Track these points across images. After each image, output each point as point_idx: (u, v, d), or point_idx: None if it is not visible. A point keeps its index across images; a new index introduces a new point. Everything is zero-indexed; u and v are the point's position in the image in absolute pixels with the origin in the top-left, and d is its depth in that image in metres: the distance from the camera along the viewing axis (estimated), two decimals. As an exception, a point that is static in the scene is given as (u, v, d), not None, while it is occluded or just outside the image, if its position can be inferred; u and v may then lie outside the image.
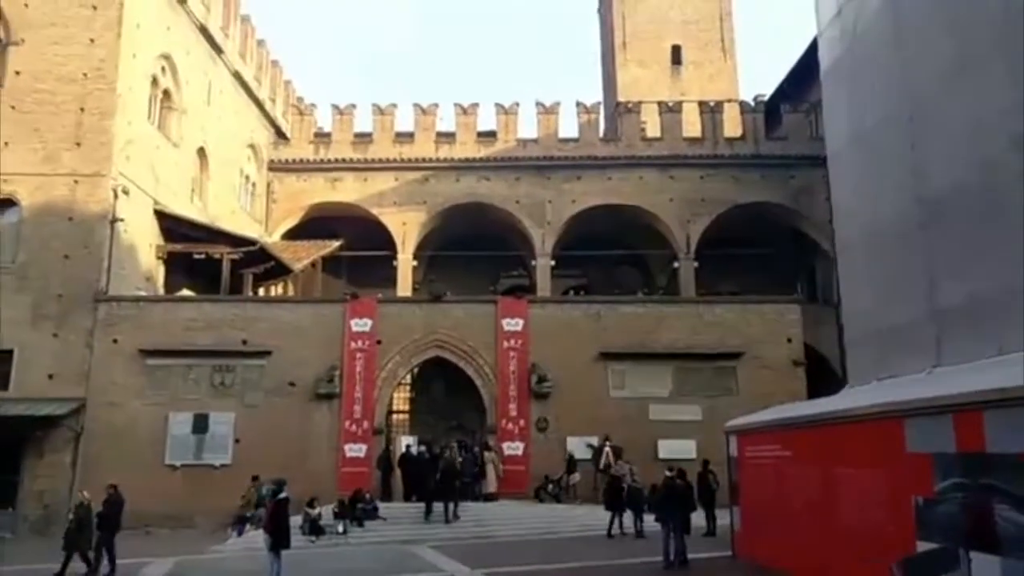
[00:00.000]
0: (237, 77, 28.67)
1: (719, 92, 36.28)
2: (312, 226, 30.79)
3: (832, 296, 25.35)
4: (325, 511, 17.45)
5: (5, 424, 18.47)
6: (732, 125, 31.05)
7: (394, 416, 22.37)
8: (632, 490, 16.59)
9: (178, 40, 24.61)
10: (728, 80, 39.12)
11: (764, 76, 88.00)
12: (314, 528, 16.84)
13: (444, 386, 23.04)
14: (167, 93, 24.39)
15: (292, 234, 30.86)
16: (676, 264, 29.78)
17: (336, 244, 29.73)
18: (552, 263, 29.92)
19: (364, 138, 31.07)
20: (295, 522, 14.37)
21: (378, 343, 21.36)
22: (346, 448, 20.50)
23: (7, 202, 20.74)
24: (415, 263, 30.43)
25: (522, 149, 30.69)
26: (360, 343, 21.30)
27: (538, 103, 30.92)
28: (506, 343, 21.50)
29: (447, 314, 22.01)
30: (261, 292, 26.92)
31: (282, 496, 11.68)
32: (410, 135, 30.95)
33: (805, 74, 28.05)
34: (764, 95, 32.34)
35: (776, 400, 17.27)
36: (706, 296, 26.70)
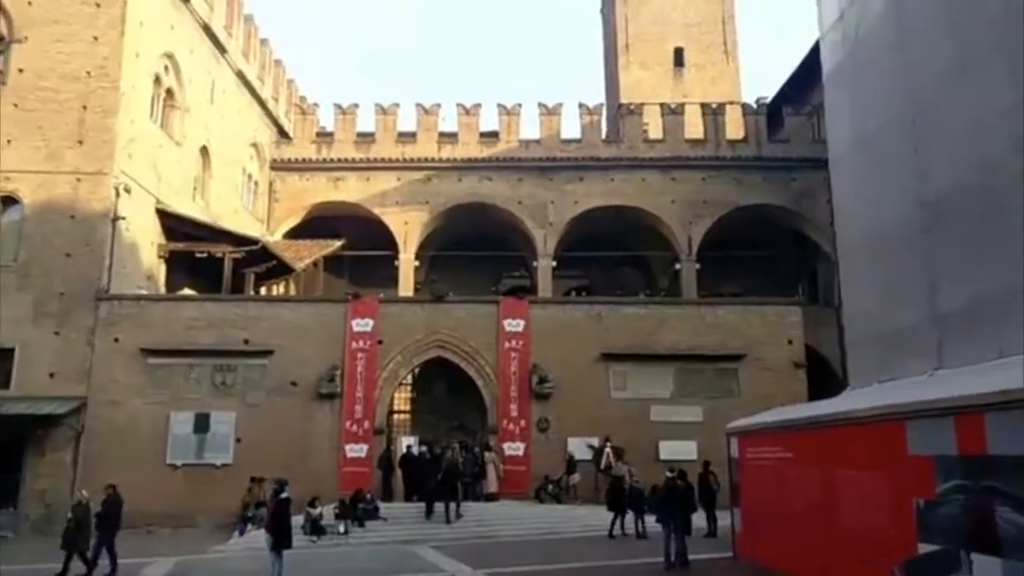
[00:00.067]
0: (240, 76, 28.68)
1: (721, 94, 36.26)
2: (314, 225, 30.82)
3: (833, 298, 25.35)
4: (326, 511, 17.47)
5: (6, 423, 18.45)
6: (734, 127, 31.06)
7: (395, 416, 22.39)
8: (633, 491, 16.61)
9: (181, 39, 24.62)
10: (730, 82, 39.12)
11: (766, 79, 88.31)
12: (315, 528, 16.87)
13: (445, 386, 23.05)
14: (170, 92, 24.40)
15: (294, 233, 30.87)
16: (678, 266, 29.78)
17: (338, 244, 29.74)
18: (554, 264, 29.92)
19: (367, 138, 31.09)
20: (296, 522, 14.38)
21: (379, 343, 21.38)
22: (347, 448, 20.51)
23: (9, 200, 20.75)
24: (417, 263, 30.44)
25: (524, 150, 30.72)
26: (362, 343, 21.32)
27: (540, 104, 30.97)
28: (507, 343, 21.53)
29: (449, 314, 22.03)
30: (263, 291, 26.92)
31: (283, 496, 11.68)
32: (412, 135, 30.96)
33: (807, 77, 28.05)
34: (766, 97, 32.30)
35: (777, 402, 17.32)
36: (707, 298, 26.74)
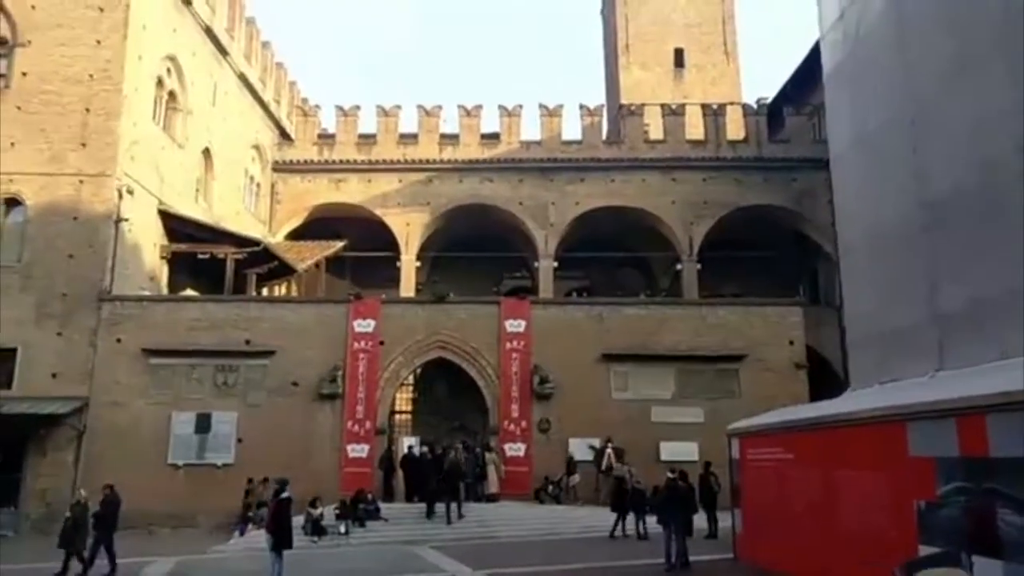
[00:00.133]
0: (242, 78, 28.73)
1: (721, 95, 36.22)
2: (316, 227, 30.87)
3: (834, 299, 25.36)
4: (327, 511, 17.48)
5: (8, 422, 18.48)
6: (735, 128, 31.05)
7: (396, 416, 22.41)
8: (635, 492, 16.61)
9: (184, 42, 24.67)
10: (731, 83, 39.08)
11: (767, 79, 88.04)
12: (316, 528, 16.88)
13: (446, 387, 23.08)
14: (172, 94, 24.45)
15: (296, 235, 30.92)
16: (679, 266, 29.78)
17: (340, 245, 29.80)
18: (555, 265, 29.93)
19: (368, 139, 31.13)
20: (297, 522, 14.41)
21: (381, 343, 21.40)
22: (348, 448, 20.52)
23: (13, 201, 20.82)
24: (418, 264, 30.48)
25: (525, 151, 30.74)
26: (363, 343, 21.35)
27: (541, 105, 30.99)
28: (508, 344, 21.54)
29: (450, 315, 22.04)
30: (265, 292, 26.97)
31: (284, 496, 11.69)
32: (414, 136, 31.00)
33: (808, 77, 28.03)
34: (767, 98, 32.29)
35: (778, 402, 17.26)
36: (708, 298, 26.72)
